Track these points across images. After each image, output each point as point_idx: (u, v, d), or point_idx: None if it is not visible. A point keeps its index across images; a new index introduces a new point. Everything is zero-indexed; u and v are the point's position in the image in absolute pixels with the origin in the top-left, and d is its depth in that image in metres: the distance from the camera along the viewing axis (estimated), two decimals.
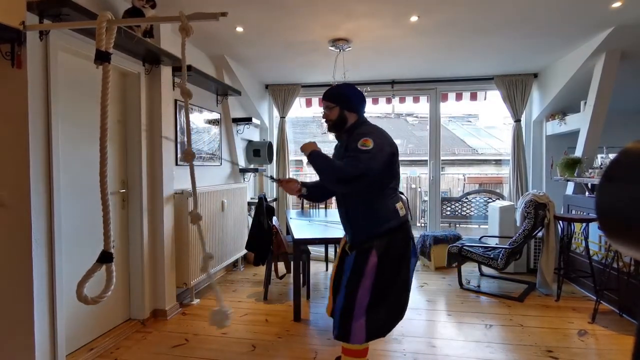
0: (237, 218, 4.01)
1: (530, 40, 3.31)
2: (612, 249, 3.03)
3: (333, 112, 1.81)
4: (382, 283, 1.69)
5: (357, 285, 1.68)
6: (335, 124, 1.82)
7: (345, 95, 1.80)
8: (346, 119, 1.80)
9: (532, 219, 3.31)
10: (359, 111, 1.82)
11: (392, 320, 1.76)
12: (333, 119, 1.81)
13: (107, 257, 1.36)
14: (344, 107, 1.79)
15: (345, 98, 1.79)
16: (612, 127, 3.70)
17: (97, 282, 1.41)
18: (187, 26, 1.33)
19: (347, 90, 1.82)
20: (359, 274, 1.69)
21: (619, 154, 0.49)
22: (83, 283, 1.32)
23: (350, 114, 1.81)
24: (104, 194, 1.37)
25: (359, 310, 1.67)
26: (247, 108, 4.69)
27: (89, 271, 1.34)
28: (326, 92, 1.85)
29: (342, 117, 1.80)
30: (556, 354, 2.33)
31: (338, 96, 1.80)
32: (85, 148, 2.38)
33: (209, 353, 2.36)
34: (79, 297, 1.33)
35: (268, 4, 2.62)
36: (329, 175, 1.61)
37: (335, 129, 1.83)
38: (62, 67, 2.13)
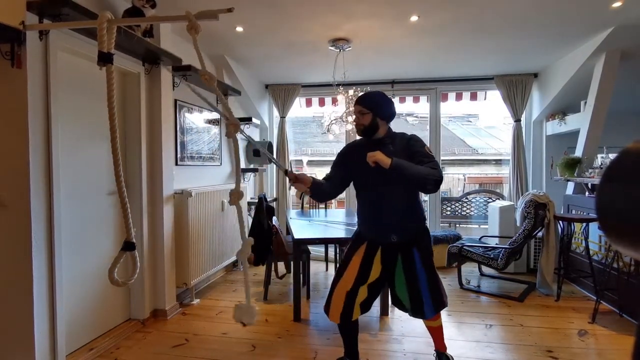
0: (237, 218, 4.00)
1: (530, 40, 3.31)
2: (612, 249, 3.03)
3: (365, 118, 1.89)
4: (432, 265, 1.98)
5: (433, 271, 1.95)
6: (366, 130, 1.90)
7: (380, 103, 1.88)
8: (377, 126, 1.90)
9: (532, 219, 3.31)
10: (390, 120, 1.94)
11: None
12: (365, 124, 1.89)
13: (130, 245, 1.47)
14: (377, 115, 1.88)
15: (379, 106, 1.88)
16: (612, 127, 3.70)
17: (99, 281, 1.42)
18: (195, 25, 1.33)
19: (382, 99, 1.90)
20: (429, 253, 1.95)
21: (619, 154, 0.49)
22: (113, 269, 1.45)
23: (382, 122, 1.90)
24: (121, 191, 1.43)
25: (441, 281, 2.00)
26: (247, 108, 4.69)
27: (116, 259, 1.45)
28: (362, 97, 1.92)
29: (374, 123, 1.89)
30: (556, 354, 2.33)
31: (373, 103, 1.88)
32: (86, 147, 2.38)
33: (209, 353, 2.36)
34: (112, 281, 1.46)
35: (268, 4, 2.62)
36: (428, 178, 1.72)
37: (365, 134, 1.92)
38: (62, 67, 2.13)
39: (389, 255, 1.94)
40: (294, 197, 5.28)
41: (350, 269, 1.97)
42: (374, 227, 1.93)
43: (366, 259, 1.95)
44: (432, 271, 1.95)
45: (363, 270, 1.95)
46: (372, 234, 1.95)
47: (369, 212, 1.95)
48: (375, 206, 1.91)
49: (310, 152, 9.64)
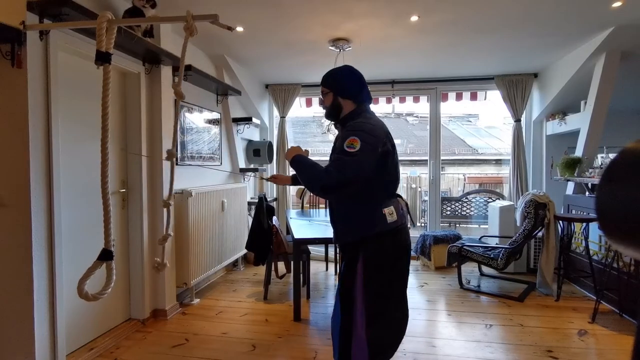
0: (237, 218, 4.01)
1: (530, 40, 3.31)
2: (612, 249, 3.03)
3: (327, 98, 1.64)
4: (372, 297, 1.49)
5: (352, 299, 1.51)
6: (330, 112, 1.65)
7: (339, 79, 1.60)
8: (341, 107, 1.61)
9: (532, 218, 3.31)
10: (356, 98, 1.60)
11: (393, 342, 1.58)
12: (327, 105, 1.65)
13: (108, 254, 1.39)
14: (337, 93, 1.60)
15: (338, 83, 1.60)
16: (612, 127, 3.70)
17: (99, 280, 1.42)
18: (192, 26, 1.33)
19: (341, 74, 1.62)
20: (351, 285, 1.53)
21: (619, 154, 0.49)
22: (84, 280, 1.36)
23: (345, 100, 1.60)
24: (104, 193, 1.39)
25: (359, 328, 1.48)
26: (247, 108, 4.69)
27: (89, 269, 1.37)
28: (323, 76, 1.69)
29: (335, 104, 1.61)
30: (556, 353, 2.33)
31: (331, 81, 1.62)
32: (86, 148, 2.38)
33: (209, 353, 2.36)
34: (80, 294, 1.37)
35: (268, 4, 2.62)
36: (312, 183, 1.44)
37: (330, 117, 1.66)
38: (63, 67, 2.14)
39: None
40: (294, 197, 5.28)
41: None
42: None
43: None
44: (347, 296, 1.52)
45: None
46: None
47: None
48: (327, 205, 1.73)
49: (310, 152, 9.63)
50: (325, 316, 2.95)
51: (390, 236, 1.53)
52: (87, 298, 1.37)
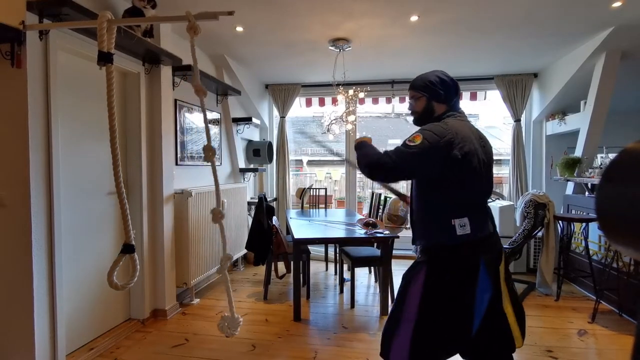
0: (237, 218, 4.01)
1: (530, 40, 3.31)
2: (611, 249, 3.03)
3: (419, 103, 1.57)
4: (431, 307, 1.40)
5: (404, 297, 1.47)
6: (421, 117, 1.57)
7: (434, 83, 1.55)
8: (433, 111, 1.54)
9: (532, 218, 3.31)
10: (450, 102, 1.55)
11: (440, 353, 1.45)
12: (418, 110, 1.57)
13: (130, 248, 1.46)
14: (432, 98, 1.54)
15: (433, 86, 1.54)
16: (612, 127, 3.70)
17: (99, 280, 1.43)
18: (195, 25, 1.33)
19: (436, 78, 1.56)
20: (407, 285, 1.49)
21: (619, 154, 0.49)
22: (112, 272, 1.45)
23: (439, 105, 1.54)
24: (120, 192, 1.43)
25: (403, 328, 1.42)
26: (247, 108, 4.69)
27: (115, 261, 1.45)
28: (413, 80, 1.61)
29: (428, 108, 1.55)
30: (556, 353, 2.33)
31: (425, 84, 1.56)
32: (86, 148, 2.38)
33: (209, 353, 2.36)
34: (111, 285, 1.45)
35: (268, 4, 2.62)
36: (365, 158, 1.46)
37: (420, 122, 1.57)
38: (62, 67, 2.13)
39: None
40: (293, 197, 5.27)
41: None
42: None
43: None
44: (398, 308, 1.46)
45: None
46: None
47: None
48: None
49: (310, 152, 9.64)
50: (325, 316, 2.95)
51: (455, 249, 1.42)
52: (117, 288, 1.46)
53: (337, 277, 3.94)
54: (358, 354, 2.35)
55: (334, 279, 3.92)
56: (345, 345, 2.46)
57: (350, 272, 3.18)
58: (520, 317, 1.48)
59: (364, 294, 3.48)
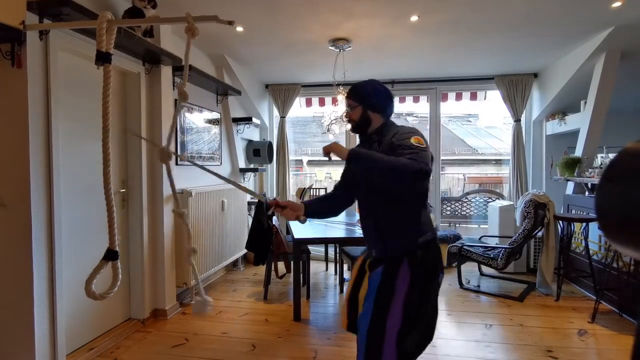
0: (237, 218, 4.01)
1: (530, 40, 3.31)
2: (612, 249, 3.03)
3: (355, 112, 1.62)
4: (414, 303, 1.46)
5: (387, 304, 1.46)
6: (358, 125, 1.63)
7: (369, 93, 1.60)
8: (370, 121, 1.61)
9: (532, 218, 3.31)
10: (385, 112, 1.62)
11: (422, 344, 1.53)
12: (355, 119, 1.63)
13: (113, 254, 1.39)
14: (367, 107, 1.60)
15: (369, 97, 1.60)
16: (612, 127, 3.70)
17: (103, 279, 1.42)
18: (193, 27, 1.33)
19: (371, 88, 1.62)
20: (390, 291, 1.47)
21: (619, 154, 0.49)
22: (91, 280, 1.36)
23: (375, 114, 1.61)
24: (108, 194, 1.39)
25: (390, 333, 1.44)
26: (247, 108, 4.69)
27: (95, 268, 1.38)
28: (349, 89, 1.66)
29: (365, 117, 1.61)
30: (556, 353, 2.33)
31: (361, 94, 1.61)
32: (86, 148, 2.38)
33: (209, 353, 2.36)
34: (88, 294, 1.36)
35: (268, 3, 2.62)
36: (400, 170, 1.31)
37: (358, 130, 1.65)
38: (62, 67, 2.13)
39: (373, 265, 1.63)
40: (294, 197, 5.28)
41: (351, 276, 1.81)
42: (364, 237, 1.69)
43: (362, 264, 1.74)
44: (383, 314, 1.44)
45: (356, 279, 1.74)
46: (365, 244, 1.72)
47: (360, 219, 1.71)
48: (362, 213, 1.66)
49: (310, 152, 9.64)
50: (325, 316, 2.95)
51: (435, 241, 1.54)
52: (94, 297, 1.37)
53: (337, 277, 3.94)
54: None
55: (334, 279, 3.93)
56: (345, 345, 2.46)
57: (350, 272, 3.18)
58: None
59: None
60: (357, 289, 1.70)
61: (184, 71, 1.40)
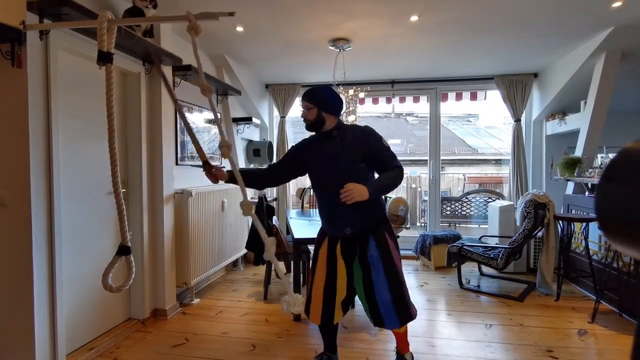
0: (237, 218, 4.01)
1: (530, 40, 3.31)
2: (611, 249, 3.03)
3: (311, 113, 1.91)
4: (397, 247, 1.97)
5: (394, 266, 1.89)
6: (313, 124, 1.93)
7: (325, 98, 1.89)
8: (324, 120, 1.91)
9: (532, 218, 3.31)
10: (337, 114, 1.95)
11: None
12: (311, 119, 1.91)
13: (125, 249, 1.45)
14: (322, 109, 1.89)
15: (324, 100, 1.89)
16: (612, 127, 3.70)
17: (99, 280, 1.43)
18: (195, 25, 1.34)
19: (326, 94, 1.91)
20: (389, 255, 1.89)
21: (619, 154, 0.49)
22: (107, 274, 1.43)
23: (329, 115, 1.91)
24: (117, 192, 1.43)
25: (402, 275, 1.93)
26: (247, 108, 4.69)
27: (110, 263, 1.44)
28: (305, 93, 1.92)
29: (319, 118, 1.90)
30: (556, 353, 2.34)
31: (317, 98, 1.89)
32: (86, 148, 2.38)
33: (209, 353, 2.36)
34: (105, 287, 1.43)
35: (268, 3, 2.62)
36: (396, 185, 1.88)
37: (312, 128, 1.95)
38: (63, 67, 2.13)
39: (347, 247, 1.93)
40: (294, 197, 5.28)
41: (319, 265, 2.00)
42: (331, 221, 1.96)
43: (330, 253, 1.98)
44: (392, 268, 1.88)
45: (330, 265, 1.97)
46: (330, 228, 1.99)
47: (326, 207, 1.97)
48: (331, 200, 1.90)
49: None
50: None
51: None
52: (111, 290, 1.45)
53: None
54: (358, 354, 2.35)
55: None
56: (345, 345, 2.46)
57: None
58: None
59: None
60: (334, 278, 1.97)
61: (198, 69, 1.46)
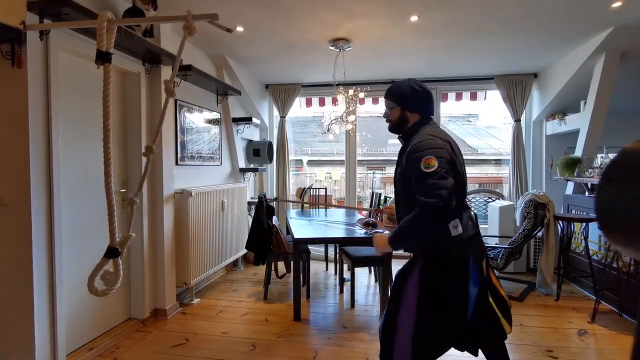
0: (237, 218, 4.01)
1: (530, 40, 3.31)
2: (611, 249, 3.03)
3: (393, 112, 1.64)
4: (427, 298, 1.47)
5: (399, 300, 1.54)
6: (396, 125, 1.65)
7: (407, 93, 1.60)
8: (408, 120, 1.62)
9: (531, 218, 3.31)
10: (423, 111, 1.62)
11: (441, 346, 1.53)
12: (393, 119, 1.65)
13: (114, 252, 1.42)
14: (405, 107, 1.61)
15: (406, 96, 1.60)
16: (612, 127, 3.70)
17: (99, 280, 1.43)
18: (191, 25, 1.34)
19: (409, 88, 1.61)
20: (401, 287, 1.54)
21: (619, 155, 0.50)
22: (93, 277, 1.40)
23: (413, 114, 1.61)
24: (108, 193, 1.42)
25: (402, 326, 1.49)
26: (247, 108, 4.69)
27: (97, 265, 1.41)
28: (387, 89, 1.67)
29: (403, 117, 1.62)
30: (556, 353, 2.34)
31: (399, 94, 1.62)
32: (86, 147, 2.38)
33: (209, 352, 2.36)
34: (90, 290, 1.40)
35: (268, 3, 2.62)
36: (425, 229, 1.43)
37: (396, 130, 1.67)
38: (63, 67, 2.13)
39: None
40: (294, 197, 5.28)
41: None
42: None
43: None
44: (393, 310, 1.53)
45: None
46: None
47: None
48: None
49: (310, 152, 9.65)
50: (325, 316, 2.95)
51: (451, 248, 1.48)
52: (97, 294, 1.41)
53: (337, 277, 3.94)
54: (358, 353, 2.35)
55: (334, 279, 3.93)
56: (345, 345, 2.46)
57: (350, 272, 3.19)
58: (503, 307, 1.64)
59: (364, 293, 3.48)
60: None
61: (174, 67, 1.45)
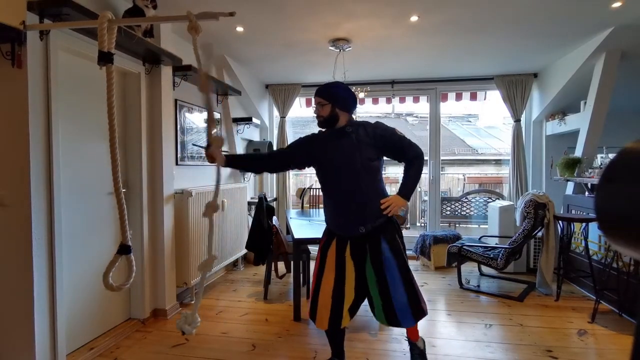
0: (237, 218, 4.01)
1: (530, 40, 3.31)
2: (611, 249, 3.03)
3: (325, 109, 1.89)
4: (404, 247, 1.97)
5: (406, 264, 1.88)
6: (327, 121, 1.91)
7: (339, 94, 1.88)
8: (337, 117, 1.90)
9: (531, 218, 3.31)
10: (350, 112, 1.94)
11: None
12: (325, 115, 1.89)
13: (126, 249, 1.46)
14: (336, 106, 1.88)
15: (338, 97, 1.87)
16: (612, 127, 3.70)
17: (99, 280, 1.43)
18: (196, 25, 1.34)
19: (341, 90, 1.90)
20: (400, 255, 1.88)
21: (618, 154, 0.49)
22: (107, 273, 1.44)
23: (342, 112, 1.90)
24: (117, 192, 1.43)
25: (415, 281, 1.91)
26: (247, 108, 4.69)
27: (111, 262, 1.45)
28: (320, 89, 1.91)
29: (333, 114, 1.89)
30: (556, 353, 2.34)
31: (332, 94, 1.88)
32: (86, 147, 2.38)
33: (209, 353, 2.36)
34: (106, 286, 1.44)
35: (268, 4, 2.62)
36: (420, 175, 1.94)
37: (325, 125, 1.93)
38: (63, 67, 2.13)
39: (357, 248, 1.89)
40: (294, 197, 5.28)
41: (327, 268, 1.93)
42: (342, 220, 1.90)
43: (338, 255, 1.91)
44: (405, 267, 1.87)
45: (338, 267, 1.90)
46: (341, 227, 1.92)
47: (339, 205, 1.91)
48: (343, 198, 1.88)
49: None
50: None
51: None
52: (112, 289, 1.46)
53: None
54: (358, 354, 2.35)
55: None
56: (345, 345, 2.46)
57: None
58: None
59: None
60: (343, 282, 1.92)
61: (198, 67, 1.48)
